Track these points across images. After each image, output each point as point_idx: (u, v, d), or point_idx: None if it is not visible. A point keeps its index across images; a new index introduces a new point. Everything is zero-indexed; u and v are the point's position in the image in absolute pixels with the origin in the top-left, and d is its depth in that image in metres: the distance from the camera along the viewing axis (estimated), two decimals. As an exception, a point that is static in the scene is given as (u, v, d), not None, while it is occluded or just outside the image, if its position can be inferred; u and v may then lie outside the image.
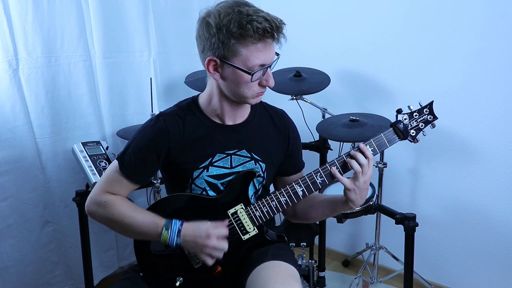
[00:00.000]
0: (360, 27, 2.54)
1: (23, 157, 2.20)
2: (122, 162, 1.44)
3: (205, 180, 1.47)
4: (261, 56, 1.32)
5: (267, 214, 1.46)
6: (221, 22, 1.28)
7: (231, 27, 1.27)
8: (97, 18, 2.35)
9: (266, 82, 1.38)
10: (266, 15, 1.28)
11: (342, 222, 2.14)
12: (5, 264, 2.20)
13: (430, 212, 2.48)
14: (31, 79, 2.16)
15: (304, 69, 2.40)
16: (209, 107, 1.47)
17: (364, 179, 1.40)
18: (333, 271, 2.79)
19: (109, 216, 1.42)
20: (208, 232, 1.35)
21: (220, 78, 1.37)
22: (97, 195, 1.44)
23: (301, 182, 1.45)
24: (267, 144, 1.53)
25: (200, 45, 1.37)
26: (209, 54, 1.34)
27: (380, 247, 2.53)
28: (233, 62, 1.32)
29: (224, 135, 1.48)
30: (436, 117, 1.51)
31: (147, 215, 1.41)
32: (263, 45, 1.31)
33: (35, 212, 2.28)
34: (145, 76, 2.55)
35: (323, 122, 2.28)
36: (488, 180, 2.27)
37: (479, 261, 2.37)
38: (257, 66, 1.33)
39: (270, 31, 1.28)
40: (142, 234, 1.41)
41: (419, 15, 2.33)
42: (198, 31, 1.36)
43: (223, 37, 1.28)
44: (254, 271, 1.41)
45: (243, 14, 1.27)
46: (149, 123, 1.46)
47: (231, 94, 1.40)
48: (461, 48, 2.23)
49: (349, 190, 1.41)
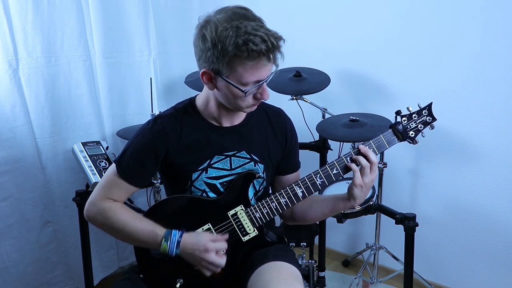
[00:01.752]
0: (360, 27, 2.53)
1: (23, 157, 2.20)
2: (120, 165, 1.43)
3: (204, 182, 1.47)
4: (256, 73, 1.29)
5: (267, 215, 1.46)
6: (217, 38, 1.24)
7: (226, 45, 1.23)
8: (97, 18, 2.35)
9: (260, 96, 1.36)
10: (264, 34, 1.22)
11: (342, 222, 2.13)
12: (5, 264, 2.20)
13: (430, 212, 2.47)
14: (31, 79, 2.17)
15: (304, 69, 2.40)
16: (206, 109, 1.46)
17: (372, 177, 1.40)
18: (333, 271, 2.79)
19: (109, 224, 1.41)
20: (206, 247, 1.36)
21: (214, 89, 1.37)
22: (96, 201, 1.43)
23: (301, 184, 1.45)
24: (266, 145, 1.53)
25: (196, 54, 1.35)
26: (204, 66, 1.32)
27: (380, 247, 2.52)
28: (227, 78, 1.30)
29: (222, 136, 1.47)
30: (435, 118, 1.51)
31: (147, 224, 1.40)
32: (259, 64, 1.27)
33: (35, 212, 2.28)
34: (145, 76, 2.55)
35: (323, 122, 2.27)
36: (488, 180, 2.26)
37: (479, 261, 2.37)
38: (252, 83, 1.31)
39: (266, 53, 1.24)
40: (142, 243, 1.42)
41: (420, 15, 2.33)
42: (195, 40, 1.34)
43: (218, 53, 1.25)
44: (256, 272, 1.40)
45: (240, 31, 1.22)
46: (147, 126, 1.45)
47: (226, 103, 1.39)
48: (461, 48, 2.23)
49: (357, 186, 1.40)
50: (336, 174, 1.45)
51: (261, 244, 1.51)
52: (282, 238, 1.57)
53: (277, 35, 1.26)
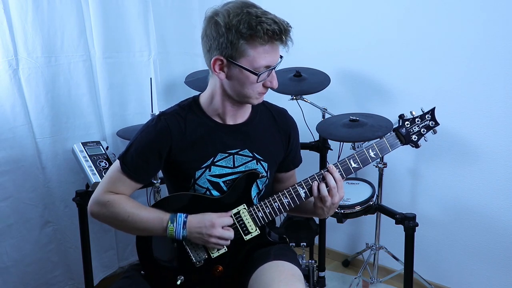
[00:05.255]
0: (360, 27, 2.53)
1: (23, 157, 2.20)
2: (124, 161, 1.44)
3: (207, 180, 1.47)
4: (268, 57, 1.33)
5: (269, 215, 1.46)
6: (231, 22, 1.28)
7: (240, 27, 1.27)
8: (97, 18, 2.35)
9: (270, 83, 1.39)
10: (274, 17, 1.29)
11: (342, 222, 2.13)
12: (5, 264, 2.20)
13: (430, 212, 2.47)
14: (31, 79, 2.16)
15: (304, 69, 2.40)
16: (210, 106, 1.47)
17: (333, 200, 1.43)
18: (333, 271, 2.79)
19: (114, 215, 1.42)
20: (212, 222, 1.38)
21: (225, 78, 1.38)
22: (100, 195, 1.44)
23: (303, 184, 1.46)
24: (269, 144, 1.54)
25: (206, 44, 1.37)
26: (216, 53, 1.33)
27: (380, 247, 2.52)
28: (240, 63, 1.32)
29: (225, 134, 1.48)
30: (438, 123, 1.52)
31: (152, 211, 1.43)
32: (271, 47, 1.32)
33: (35, 212, 2.28)
34: (145, 76, 2.55)
35: (323, 122, 2.27)
36: (488, 180, 2.26)
37: (479, 261, 2.36)
38: (263, 68, 1.34)
39: (279, 34, 1.29)
40: (148, 230, 1.42)
41: (420, 15, 2.33)
42: (205, 30, 1.36)
43: (232, 37, 1.29)
44: (258, 271, 1.40)
45: (252, 15, 1.28)
46: (151, 123, 1.46)
47: (235, 94, 1.40)
48: (462, 48, 2.22)
49: (317, 207, 1.46)
50: None
51: (263, 244, 1.52)
52: (283, 238, 1.58)
53: (286, 21, 1.32)
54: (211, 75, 1.43)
